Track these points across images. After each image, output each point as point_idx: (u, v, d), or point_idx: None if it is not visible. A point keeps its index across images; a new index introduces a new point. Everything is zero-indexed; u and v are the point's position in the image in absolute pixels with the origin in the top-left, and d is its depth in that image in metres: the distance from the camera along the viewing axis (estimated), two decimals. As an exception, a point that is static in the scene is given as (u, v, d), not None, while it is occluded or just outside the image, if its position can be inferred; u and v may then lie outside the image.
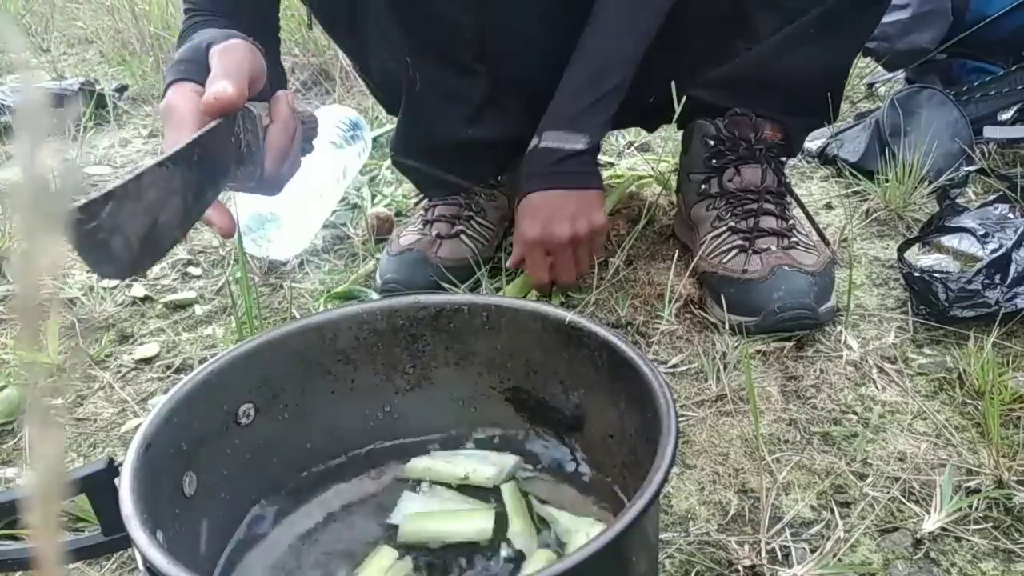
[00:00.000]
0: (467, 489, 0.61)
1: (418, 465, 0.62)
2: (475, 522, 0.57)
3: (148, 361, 0.93)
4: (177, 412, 0.51)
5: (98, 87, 1.90)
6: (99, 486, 0.46)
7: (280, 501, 0.60)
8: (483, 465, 0.62)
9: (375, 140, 1.45)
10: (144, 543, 0.40)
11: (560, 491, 0.60)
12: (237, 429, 0.56)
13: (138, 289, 1.09)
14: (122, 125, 1.83)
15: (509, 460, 0.63)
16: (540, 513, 0.59)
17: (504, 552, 0.56)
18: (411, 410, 0.64)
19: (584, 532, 0.55)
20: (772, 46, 0.90)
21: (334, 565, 0.56)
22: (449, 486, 0.61)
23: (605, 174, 1.31)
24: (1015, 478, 0.65)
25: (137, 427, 0.50)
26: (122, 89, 1.99)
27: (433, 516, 0.58)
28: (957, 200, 1.05)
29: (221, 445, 0.55)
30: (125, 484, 0.44)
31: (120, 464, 0.47)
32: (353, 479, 0.63)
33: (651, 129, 1.26)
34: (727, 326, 0.86)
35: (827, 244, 0.96)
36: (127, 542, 0.43)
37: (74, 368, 0.92)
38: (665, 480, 0.42)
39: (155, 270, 1.15)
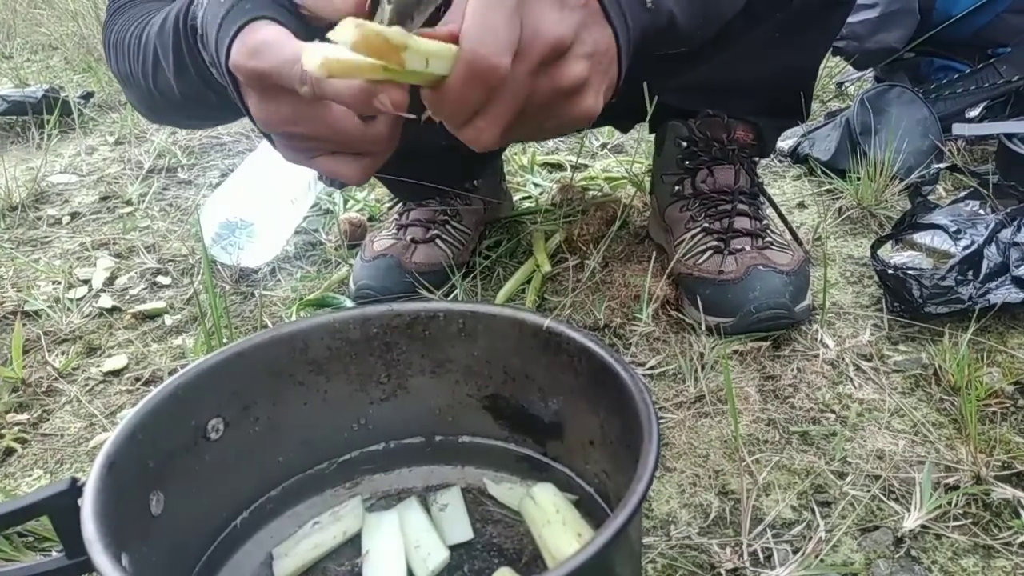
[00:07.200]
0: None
1: (286, 570, 0.56)
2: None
3: (116, 373, 0.91)
4: (142, 429, 0.49)
5: (63, 94, 1.87)
6: (61, 508, 0.45)
7: (252, 517, 0.58)
8: (344, 521, 0.59)
9: (347, 145, 1.43)
10: (107, 568, 0.38)
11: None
12: (206, 444, 0.55)
13: (106, 300, 1.06)
14: (88, 132, 1.80)
15: (353, 503, 0.61)
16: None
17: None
18: (386, 420, 0.63)
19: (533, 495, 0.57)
20: (740, 49, 0.90)
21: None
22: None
23: (579, 176, 1.30)
24: (993, 474, 0.65)
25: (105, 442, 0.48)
26: (87, 96, 1.96)
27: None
28: (928, 197, 1.06)
29: (189, 461, 0.53)
30: (87, 506, 0.42)
31: (83, 484, 0.45)
32: (327, 492, 0.62)
33: (625, 130, 1.25)
34: (704, 327, 0.86)
35: (800, 244, 0.96)
36: (92, 565, 0.41)
37: (39, 382, 0.89)
38: (648, 488, 0.41)
39: (123, 280, 1.13)
